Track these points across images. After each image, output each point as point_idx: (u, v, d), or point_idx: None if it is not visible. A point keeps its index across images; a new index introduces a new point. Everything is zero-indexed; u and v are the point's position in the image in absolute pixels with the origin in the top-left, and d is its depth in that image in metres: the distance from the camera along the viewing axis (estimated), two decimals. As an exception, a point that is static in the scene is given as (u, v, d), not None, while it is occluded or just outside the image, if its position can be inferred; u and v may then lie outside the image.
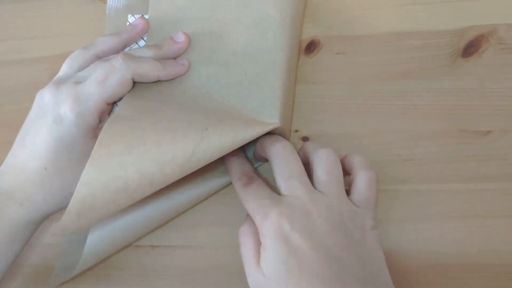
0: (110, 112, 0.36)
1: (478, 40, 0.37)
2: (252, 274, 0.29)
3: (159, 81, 0.36)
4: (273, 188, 0.31)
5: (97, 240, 0.35)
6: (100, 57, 0.36)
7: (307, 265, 0.28)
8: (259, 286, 0.29)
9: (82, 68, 0.35)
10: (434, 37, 0.38)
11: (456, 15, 0.38)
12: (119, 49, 0.37)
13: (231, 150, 0.32)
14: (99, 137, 0.30)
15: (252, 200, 0.30)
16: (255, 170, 0.34)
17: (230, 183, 0.38)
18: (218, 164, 0.35)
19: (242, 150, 0.36)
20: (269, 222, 0.29)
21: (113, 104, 0.34)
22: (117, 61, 0.33)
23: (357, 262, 0.29)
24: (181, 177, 0.31)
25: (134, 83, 0.35)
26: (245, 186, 0.31)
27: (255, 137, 0.33)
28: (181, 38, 0.37)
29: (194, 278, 0.38)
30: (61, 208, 0.34)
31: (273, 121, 0.34)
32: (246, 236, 0.30)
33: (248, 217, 0.31)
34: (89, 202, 0.29)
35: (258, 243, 0.30)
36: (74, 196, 0.29)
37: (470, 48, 0.37)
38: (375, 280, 0.29)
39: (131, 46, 0.39)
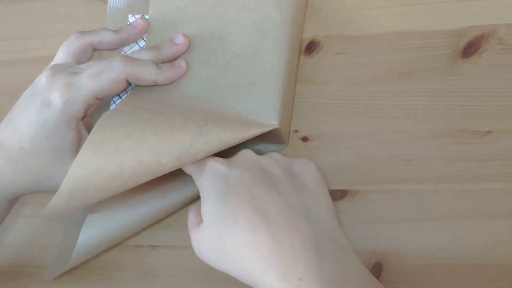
0: (98, 108, 0.36)
1: (478, 40, 0.37)
2: (194, 237, 0.30)
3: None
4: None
5: (90, 234, 0.35)
6: (95, 46, 0.36)
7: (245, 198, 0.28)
8: (201, 244, 0.30)
9: (77, 54, 0.36)
10: (434, 37, 0.38)
11: (456, 15, 0.38)
12: (116, 46, 0.37)
13: (229, 146, 0.32)
14: (96, 123, 0.30)
15: (192, 163, 0.32)
16: None
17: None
18: None
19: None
20: (208, 166, 0.31)
21: (102, 100, 0.34)
22: (115, 61, 0.33)
23: (296, 193, 0.30)
24: (177, 167, 0.31)
25: (135, 85, 0.35)
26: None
27: (253, 136, 0.33)
28: (180, 40, 0.37)
29: (194, 278, 0.38)
30: (27, 192, 0.34)
31: (272, 122, 0.34)
32: (191, 212, 0.32)
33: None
34: (82, 184, 0.29)
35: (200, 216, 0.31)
36: (68, 176, 0.29)
37: (470, 48, 0.37)
38: (312, 211, 0.29)
39: (131, 46, 0.39)
